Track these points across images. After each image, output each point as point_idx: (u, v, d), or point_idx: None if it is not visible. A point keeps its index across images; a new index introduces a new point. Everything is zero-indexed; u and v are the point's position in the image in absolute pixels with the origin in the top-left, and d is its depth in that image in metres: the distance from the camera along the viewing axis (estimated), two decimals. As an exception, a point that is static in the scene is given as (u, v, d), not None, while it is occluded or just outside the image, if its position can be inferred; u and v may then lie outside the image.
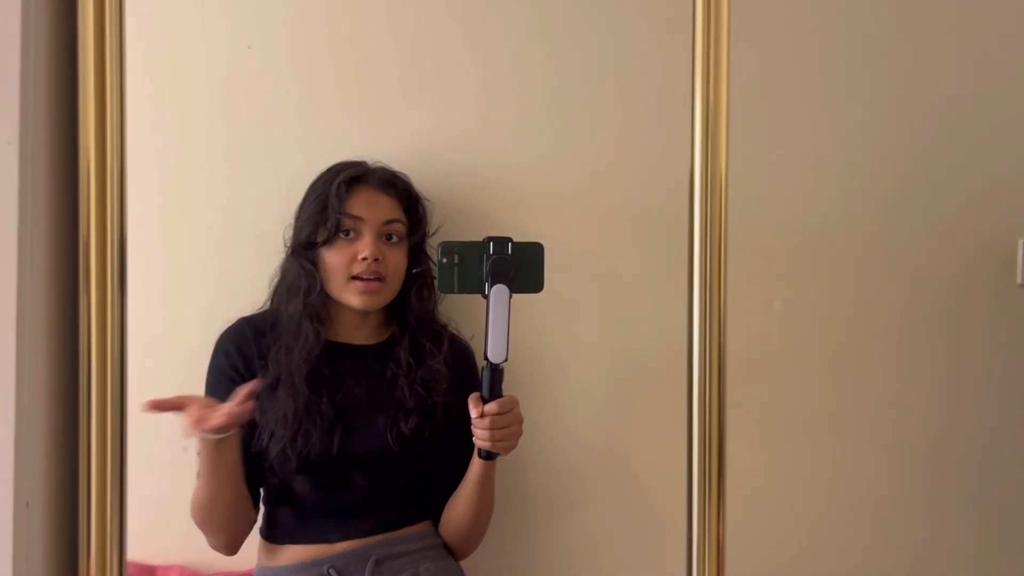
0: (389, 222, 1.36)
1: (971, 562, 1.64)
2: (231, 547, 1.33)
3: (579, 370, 1.59)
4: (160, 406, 1.15)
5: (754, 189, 1.57)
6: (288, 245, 1.39)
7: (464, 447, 1.32)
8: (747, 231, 1.54)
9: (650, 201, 1.56)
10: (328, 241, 1.34)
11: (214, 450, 1.22)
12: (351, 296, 1.34)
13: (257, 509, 1.36)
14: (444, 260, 1.23)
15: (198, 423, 1.17)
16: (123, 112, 0.59)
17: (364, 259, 1.32)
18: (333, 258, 1.34)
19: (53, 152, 0.58)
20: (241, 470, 1.28)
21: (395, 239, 1.37)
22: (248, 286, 1.42)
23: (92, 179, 0.57)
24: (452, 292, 1.25)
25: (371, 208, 1.35)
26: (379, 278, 1.34)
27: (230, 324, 1.38)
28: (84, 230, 0.58)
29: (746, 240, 1.54)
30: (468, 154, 1.57)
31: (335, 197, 1.34)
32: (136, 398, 0.69)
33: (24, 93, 0.55)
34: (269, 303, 1.40)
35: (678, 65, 0.76)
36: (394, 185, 1.39)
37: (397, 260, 1.37)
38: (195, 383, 1.36)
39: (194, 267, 1.56)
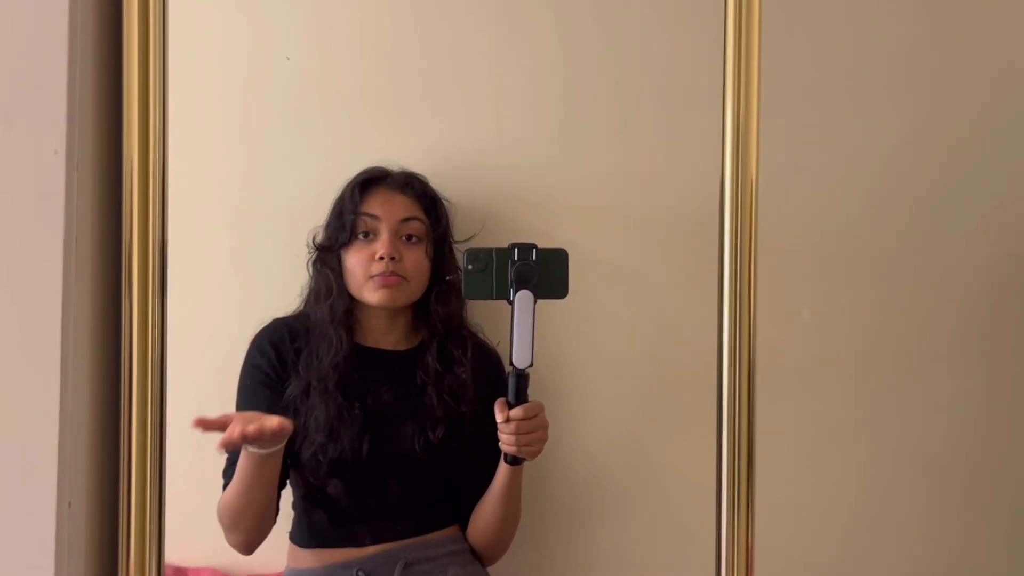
0: (406, 220, 1.36)
1: (1002, 574, 1.62)
2: (250, 548, 1.34)
3: (604, 376, 1.58)
4: (207, 425, 1.14)
5: (785, 196, 1.56)
6: (311, 250, 1.41)
7: (491, 453, 1.33)
8: (778, 238, 1.54)
9: (678, 207, 1.55)
10: (346, 243, 1.35)
11: (260, 464, 1.23)
12: (370, 293, 1.34)
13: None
14: (469, 267, 1.24)
15: (246, 436, 1.14)
16: (165, 122, 0.61)
17: (381, 258, 1.33)
18: (352, 259, 1.35)
19: (98, 161, 0.60)
20: (277, 482, 1.29)
21: (414, 239, 1.37)
22: (282, 289, 1.44)
23: (135, 186, 0.59)
24: (477, 298, 1.26)
25: (386, 207, 1.36)
26: (399, 275, 1.34)
27: (265, 324, 1.39)
28: (127, 235, 0.59)
29: (777, 247, 1.53)
30: (494, 160, 1.58)
31: (350, 199, 1.36)
32: (174, 399, 0.70)
33: (71, 105, 0.57)
34: (302, 307, 1.42)
35: (709, 69, 0.76)
36: (411, 185, 1.40)
37: (417, 260, 1.37)
38: (229, 385, 1.37)
39: (229, 271, 1.57)
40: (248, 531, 1.31)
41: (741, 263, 0.63)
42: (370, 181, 1.37)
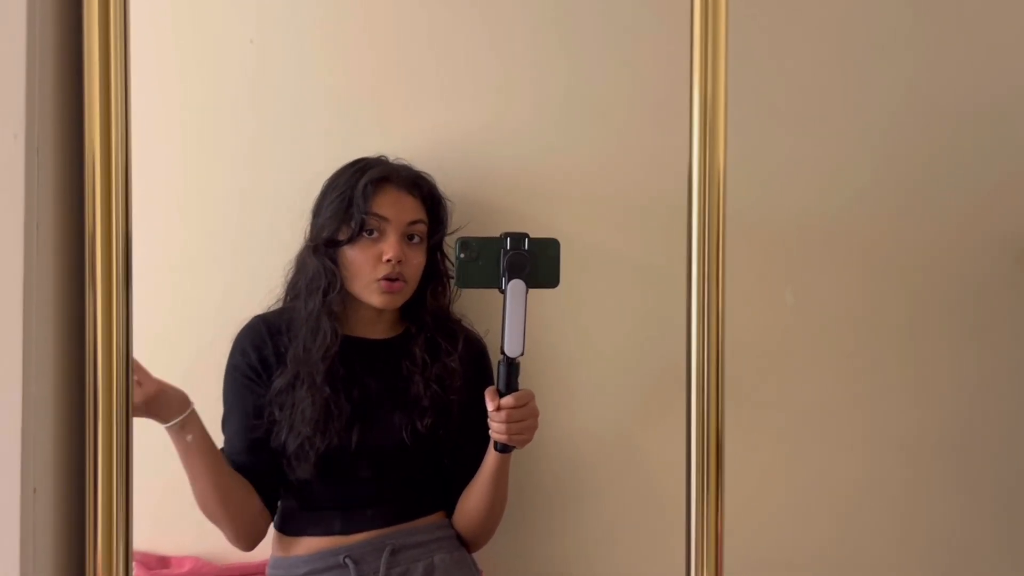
0: (413, 223, 1.37)
1: (986, 564, 1.61)
2: (244, 541, 1.33)
3: (593, 364, 1.58)
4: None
5: (770, 180, 1.56)
6: (307, 240, 1.39)
7: (478, 441, 1.33)
8: (757, 224, 1.53)
9: (665, 195, 1.55)
10: (351, 240, 1.34)
11: (181, 445, 1.24)
12: (373, 296, 1.34)
13: (272, 507, 1.36)
14: (462, 255, 1.24)
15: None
16: (128, 105, 0.60)
17: (388, 260, 1.32)
18: (357, 257, 1.34)
19: (59, 146, 0.59)
20: (216, 459, 1.28)
21: (416, 239, 1.37)
22: (262, 280, 1.43)
23: (97, 174, 0.59)
24: (469, 287, 1.27)
25: (396, 208, 1.35)
26: (401, 279, 1.34)
27: (246, 322, 1.38)
28: (90, 223, 0.59)
29: (756, 233, 1.53)
30: (483, 149, 1.57)
31: (361, 196, 1.33)
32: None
33: (30, 86, 0.56)
34: (283, 297, 1.41)
35: (684, 57, 0.75)
36: (419, 186, 1.39)
37: (418, 261, 1.37)
38: (208, 375, 1.37)
39: (209, 261, 1.57)
40: (226, 517, 1.29)
41: (709, 250, 0.63)
42: (379, 179, 1.35)
